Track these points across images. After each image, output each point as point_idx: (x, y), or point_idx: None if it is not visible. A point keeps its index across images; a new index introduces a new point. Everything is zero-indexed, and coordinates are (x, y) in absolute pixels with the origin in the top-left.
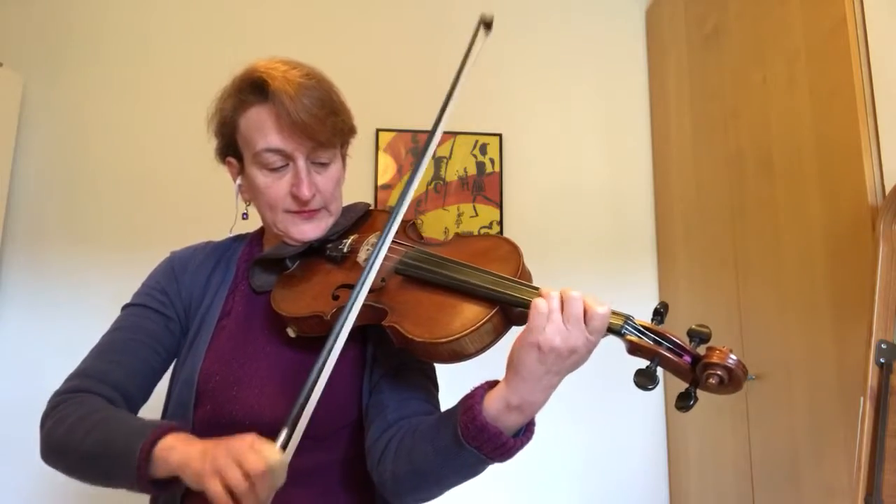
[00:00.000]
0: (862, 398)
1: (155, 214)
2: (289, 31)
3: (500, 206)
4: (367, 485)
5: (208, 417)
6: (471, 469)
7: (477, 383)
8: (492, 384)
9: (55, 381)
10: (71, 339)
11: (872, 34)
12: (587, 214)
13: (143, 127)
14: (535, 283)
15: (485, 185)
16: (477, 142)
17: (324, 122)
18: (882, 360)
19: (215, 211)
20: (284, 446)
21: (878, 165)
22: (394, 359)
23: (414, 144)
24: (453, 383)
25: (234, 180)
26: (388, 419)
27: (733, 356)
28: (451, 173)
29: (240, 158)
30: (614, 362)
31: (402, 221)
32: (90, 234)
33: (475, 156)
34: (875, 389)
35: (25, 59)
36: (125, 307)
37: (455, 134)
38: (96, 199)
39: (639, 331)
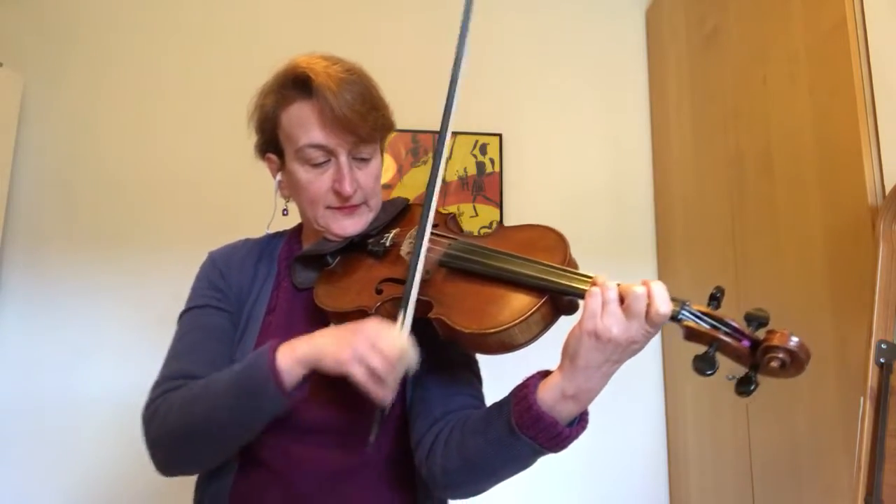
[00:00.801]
0: (862, 398)
1: (155, 214)
2: (289, 31)
3: (500, 206)
4: (412, 480)
5: None
6: (524, 460)
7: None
8: (544, 374)
9: (55, 381)
10: (71, 339)
11: (872, 34)
12: (587, 214)
13: (143, 127)
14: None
15: (485, 185)
16: (477, 142)
17: (365, 118)
18: (882, 360)
19: (216, 210)
20: (404, 327)
21: (878, 165)
22: (437, 353)
23: (414, 144)
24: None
25: (274, 176)
26: (434, 413)
27: (795, 338)
28: (451, 173)
29: (280, 154)
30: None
31: (443, 215)
32: (90, 234)
33: (475, 156)
34: (875, 389)
35: (25, 59)
36: (182, 314)
37: (455, 134)
38: (96, 199)
39: (696, 316)
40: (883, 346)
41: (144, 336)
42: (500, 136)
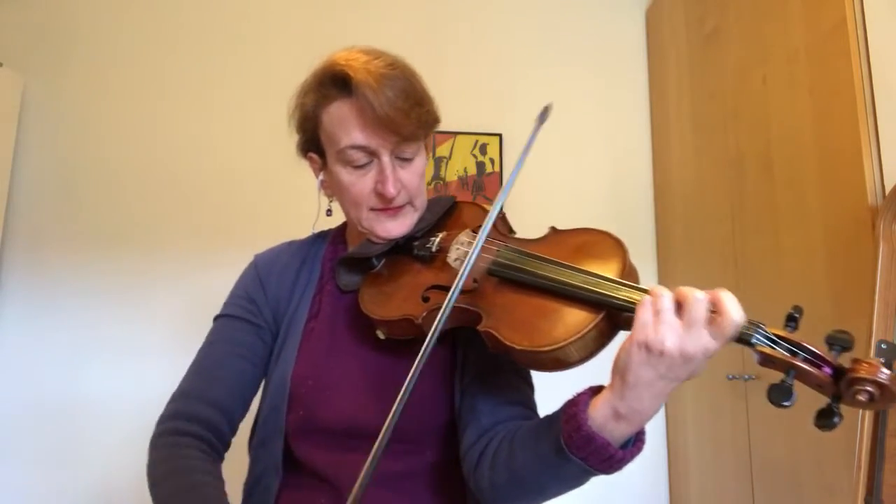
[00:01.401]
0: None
1: (155, 214)
2: (290, 31)
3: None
4: (459, 489)
5: (301, 422)
6: (575, 480)
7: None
8: (595, 389)
9: (55, 381)
10: (71, 339)
11: (872, 34)
12: (587, 214)
13: (143, 126)
14: (639, 282)
15: (485, 185)
16: (477, 142)
17: (408, 115)
18: (882, 360)
19: (216, 210)
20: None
21: (878, 165)
22: (486, 360)
23: None
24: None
25: (317, 176)
26: (482, 424)
27: (885, 370)
28: (451, 173)
29: (322, 154)
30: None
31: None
32: (90, 233)
33: (475, 156)
34: None
35: (25, 59)
36: (216, 318)
37: (455, 134)
38: (96, 199)
39: (771, 340)
40: (883, 346)
41: (144, 336)
42: (500, 136)
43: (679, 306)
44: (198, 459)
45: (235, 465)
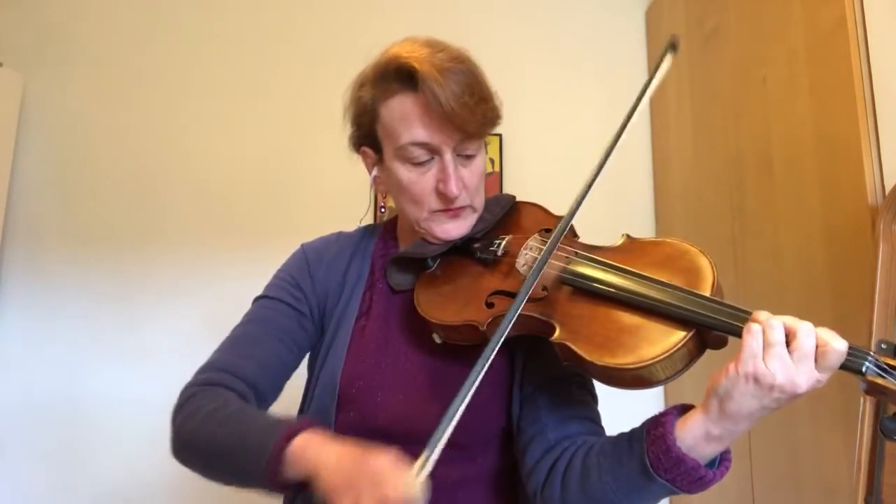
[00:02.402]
0: (862, 398)
1: (155, 214)
2: (290, 31)
3: None
4: (511, 498)
5: (352, 424)
6: (655, 499)
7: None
8: (682, 409)
9: (55, 382)
10: (70, 340)
11: (872, 34)
12: (587, 214)
13: (142, 126)
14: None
15: (485, 185)
16: None
17: (474, 112)
18: None
19: (217, 211)
20: (422, 471)
21: (878, 165)
22: (550, 371)
23: None
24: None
25: (370, 171)
26: (549, 439)
27: None
28: None
29: (377, 149)
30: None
31: (559, 220)
32: (90, 234)
33: None
34: None
35: (25, 59)
36: (257, 299)
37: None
38: (96, 199)
39: (883, 370)
40: (883, 346)
41: (144, 336)
42: (500, 136)
43: (788, 340)
44: (239, 400)
45: None
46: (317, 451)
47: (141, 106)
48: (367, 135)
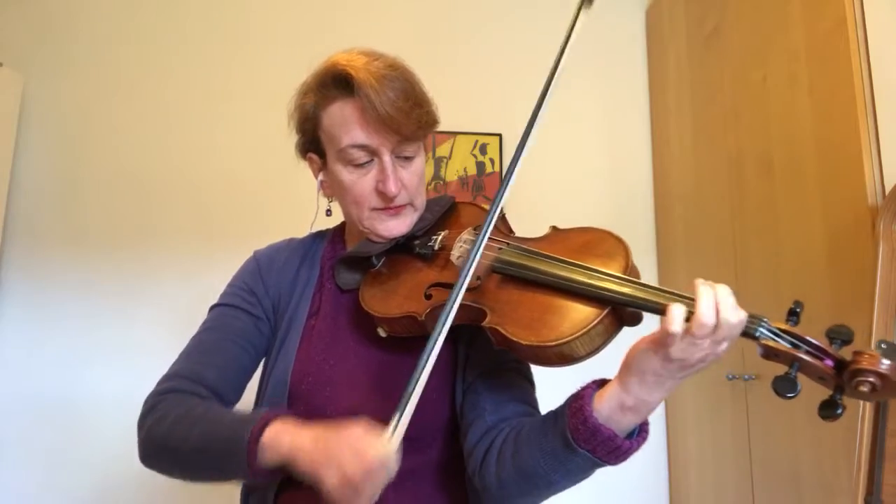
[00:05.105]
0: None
1: (155, 214)
2: (289, 31)
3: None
4: (461, 487)
5: (302, 418)
6: (582, 473)
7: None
8: (600, 383)
9: (54, 381)
10: (71, 339)
11: (872, 34)
12: (587, 214)
13: (142, 126)
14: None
15: (485, 185)
16: (477, 142)
17: (409, 115)
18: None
19: (217, 211)
20: (394, 434)
21: (878, 165)
22: (488, 358)
23: None
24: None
25: (316, 176)
26: (487, 422)
27: (886, 360)
28: (451, 173)
29: (321, 154)
30: (614, 362)
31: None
32: (90, 234)
33: (475, 156)
34: None
35: (25, 59)
36: (213, 307)
37: (455, 134)
38: (96, 199)
39: (775, 333)
40: (883, 345)
41: (144, 336)
42: (500, 136)
43: (690, 315)
44: (205, 402)
45: None
46: (291, 436)
47: (140, 106)
48: (311, 141)
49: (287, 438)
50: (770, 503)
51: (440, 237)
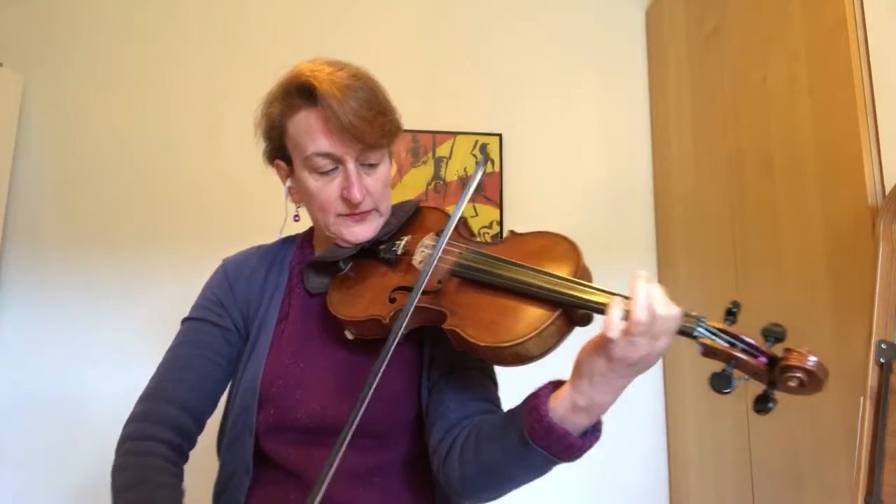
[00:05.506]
0: (862, 398)
1: (155, 214)
2: (290, 30)
3: (500, 206)
4: (427, 483)
5: (271, 421)
6: (539, 468)
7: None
8: (556, 384)
9: (55, 381)
10: (70, 339)
11: (872, 34)
12: (587, 214)
13: (143, 127)
14: (592, 282)
15: (485, 185)
16: (477, 142)
17: (372, 124)
18: (882, 360)
19: (217, 211)
20: None
21: (878, 165)
22: (452, 358)
23: (414, 144)
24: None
25: (284, 183)
26: (450, 419)
27: (813, 357)
28: (451, 173)
29: (288, 161)
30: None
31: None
32: (90, 234)
33: (475, 156)
34: (875, 389)
35: (25, 59)
36: (184, 321)
37: (455, 134)
38: (96, 199)
39: (712, 332)
40: (883, 345)
41: (144, 336)
42: (500, 136)
43: (628, 314)
44: (159, 470)
45: (204, 469)
46: None
47: (141, 106)
48: (278, 148)
49: None
50: (770, 503)
51: (403, 242)
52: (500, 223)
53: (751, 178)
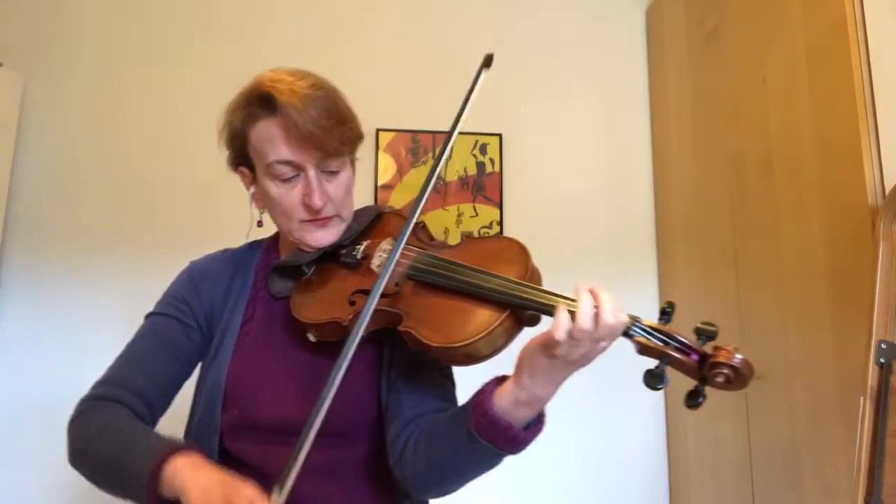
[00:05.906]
0: (862, 398)
1: (155, 214)
2: (289, 31)
3: (500, 206)
4: (388, 480)
5: (235, 421)
6: (487, 461)
7: (489, 378)
8: (500, 380)
9: (55, 381)
10: (71, 339)
11: (872, 34)
12: (587, 214)
13: (143, 127)
14: (541, 284)
15: (485, 185)
16: (477, 142)
17: (331, 132)
18: (882, 360)
19: (216, 210)
20: (283, 494)
21: (878, 166)
22: (409, 359)
23: (413, 144)
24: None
25: (248, 189)
26: (406, 417)
27: (739, 355)
28: (451, 173)
29: (252, 168)
30: (615, 362)
31: (413, 225)
32: (90, 234)
33: (475, 156)
34: (875, 389)
35: (25, 59)
36: (148, 316)
37: (457, 133)
38: (96, 199)
39: (647, 332)
40: (883, 345)
41: None
42: (500, 136)
43: (574, 315)
44: (129, 415)
45: None
46: (186, 476)
47: (141, 105)
48: (241, 155)
49: (180, 479)
50: (770, 503)
51: (363, 246)
52: (500, 223)
53: (751, 178)
